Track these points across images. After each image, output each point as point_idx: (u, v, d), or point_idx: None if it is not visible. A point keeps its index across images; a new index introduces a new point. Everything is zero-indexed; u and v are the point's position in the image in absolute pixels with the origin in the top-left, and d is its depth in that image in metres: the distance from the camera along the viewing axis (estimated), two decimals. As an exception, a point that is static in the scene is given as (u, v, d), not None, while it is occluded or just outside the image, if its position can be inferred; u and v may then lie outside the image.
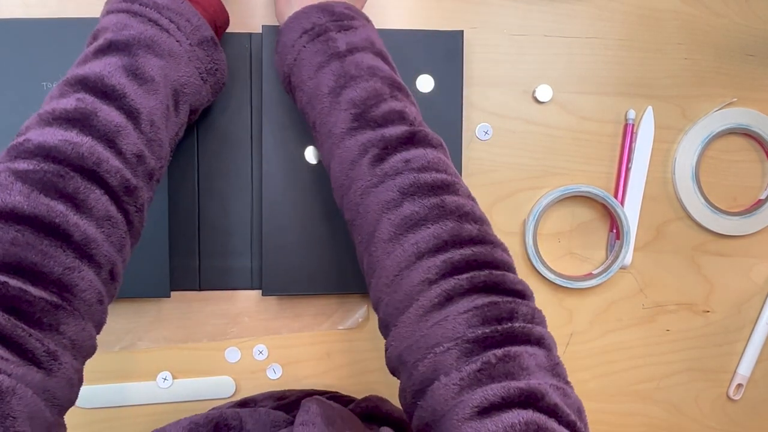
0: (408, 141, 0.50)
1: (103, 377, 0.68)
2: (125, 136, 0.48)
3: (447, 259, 0.46)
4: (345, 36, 0.54)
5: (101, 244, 0.45)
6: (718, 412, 0.75)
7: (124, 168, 0.47)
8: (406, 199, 0.48)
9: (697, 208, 0.72)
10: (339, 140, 0.52)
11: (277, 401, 0.63)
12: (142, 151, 0.49)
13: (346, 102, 0.52)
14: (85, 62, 0.50)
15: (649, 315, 0.73)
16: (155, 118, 0.50)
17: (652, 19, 0.71)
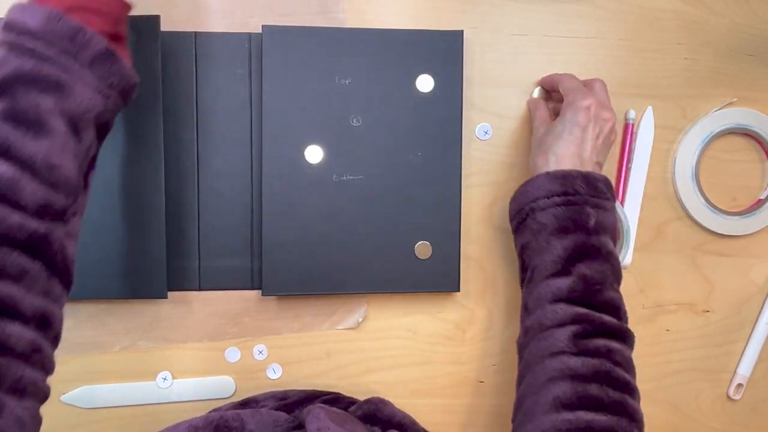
0: (617, 335, 0.56)
1: (103, 377, 0.68)
2: (22, 188, 0.44)
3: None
4: (597, 214, 0.57)
5: (22, 299, 0.44)
6: (718, 412, 0.75)
7: (27, 220, 0.44)
8: (596, 382, 0.52)
9: (697, 208, 0.72)
10: (553, 300, 0.56)
11: (278, 401, 0.63)
12: (46, 197, 0.45)
13: (577, 275, 0.56)
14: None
15: (649, 315, 0.73)
16: (53, 159, 0.46)
17: (652, 19, 0.71)
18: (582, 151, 0.60)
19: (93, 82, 0.48)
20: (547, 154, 0.60)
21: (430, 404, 0.71)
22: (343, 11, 0.68)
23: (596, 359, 0.53)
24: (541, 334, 0.56)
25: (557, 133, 0.61)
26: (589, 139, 0.60)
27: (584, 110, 0.60)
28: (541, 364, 0.54)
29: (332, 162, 0.66)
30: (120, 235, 0.63)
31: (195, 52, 0.66)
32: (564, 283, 0.56)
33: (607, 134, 0.61)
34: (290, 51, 0.65)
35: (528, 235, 0.59)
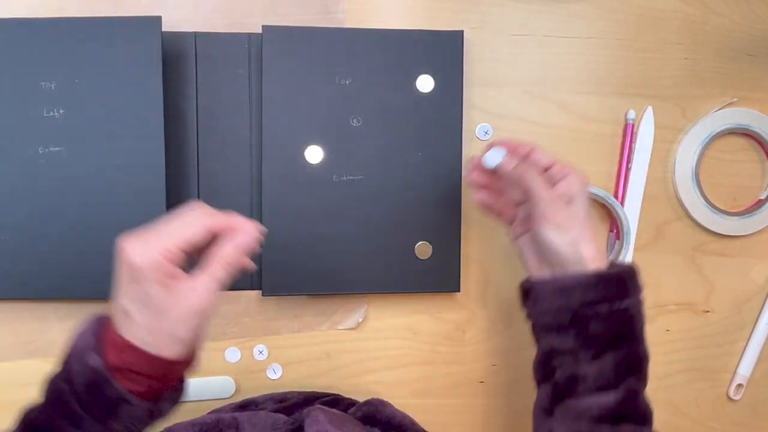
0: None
1: (103, 377, 0.68)
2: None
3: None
4: (641, 314, 0.54)
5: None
6: (718, 412, 0.75)
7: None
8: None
9: (697, 208, 0.72)
10: (599, 418, 0.52)
11: (277, 403, 0.63)
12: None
13: (625, 389, 0.52)
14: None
15: (649, 315, 0.73)
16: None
17: (652, 19, 0.71)
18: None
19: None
20: (587, 241, 0.53)
21: (430, 404, 0.71)
22: (343, 11, 0.68)
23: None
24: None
25: (588, 214, 0.54)
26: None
27: (585, 187, 0.55)
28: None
29: (332, 162, 0.66)
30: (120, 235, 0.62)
31: (195, 52, 0.66)
32: (611, 398, 0.51)
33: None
34: (290, 51, 0.65)
35: (571, 341, 0.53)
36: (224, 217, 0.48)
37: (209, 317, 0.47)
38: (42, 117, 0.62)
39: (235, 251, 0.48)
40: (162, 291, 0.45)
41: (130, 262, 0.45)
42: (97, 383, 0.44)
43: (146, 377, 0.45)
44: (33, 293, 0.63)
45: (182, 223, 0.47)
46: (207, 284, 0.46)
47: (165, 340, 0.45)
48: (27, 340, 0.67)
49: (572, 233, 0.53)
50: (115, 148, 0.62)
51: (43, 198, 0.62)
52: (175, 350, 0.46)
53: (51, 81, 0.62)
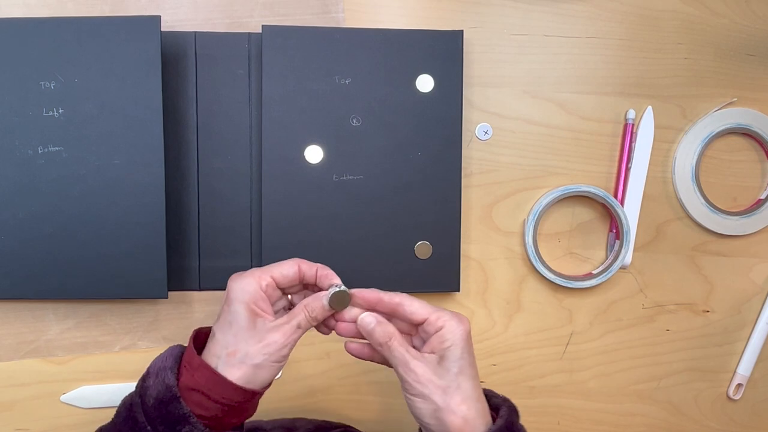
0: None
1: (103, 377, 0.68)
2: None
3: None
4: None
5: None
6: (718, 412, 0.75)
7: None
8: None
9: (697, 208, 0.72)
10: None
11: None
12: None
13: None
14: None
15: (649, 315, 0.73)
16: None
17: (652, 19, 0.71)
18: (478, 389, 0.51)
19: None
20: (468, 403, 0.49)
21: (430, 404, 0.71)
22: (343, 11, 0.68)
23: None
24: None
25: (463, 370, 0.50)
26: (474, 370, 0.51)
27: (468, 334, 0.50)
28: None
29: (332, 162, 0.66)
30: (120, 235, 0.63)
31: (195, 52, 0.66)
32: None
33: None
34: (290, 51, 0.65)
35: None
36: (316, 265, 0.53)
37: (282, 363, 0.50)
38: (42, 117, 0.62)
39: (319, 303, 0.51)
40: (248, 316, 0.49)
41: (228, 286, 0.50)
42: (166, 399, 0.47)
43: (212, 401, 0.48)
44: (33, 293, 0.63)
45: (279, 263, 0.52)
46: (289, 326, 0.50)
47: (237, 361, 0.49)
48: (27, 340, 0.67)
49: (435, 401, 0.49)
50: (115, 148, 0.62)
51: (43, 198, 0.62)
52: (243, 373, 0.48)
53: (51, 81, 0.62)
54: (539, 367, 0.72)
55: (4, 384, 0.67)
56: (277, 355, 0.49)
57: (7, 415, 0.67)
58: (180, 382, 0.48)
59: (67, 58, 0.61)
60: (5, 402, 0.67)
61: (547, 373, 0.72)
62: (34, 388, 0.67)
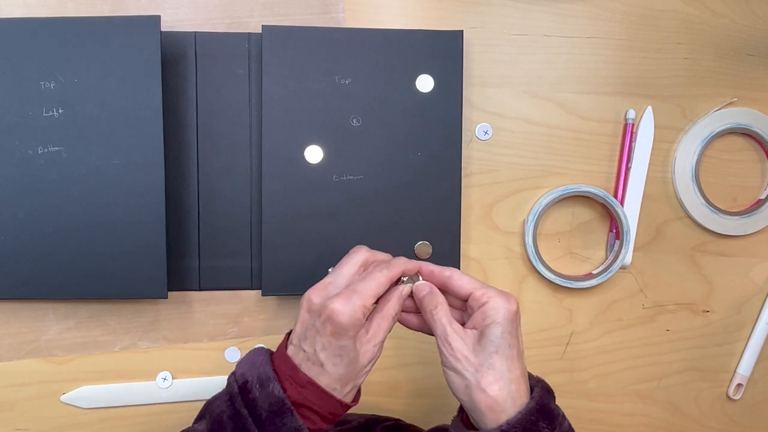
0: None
1: (103, 377, 0.68)
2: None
3: None
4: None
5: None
6: (718, 412, 0.75)
7: None
8: None
9: (697, 208, 0.72)
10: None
11: (338, 426, 0.62)
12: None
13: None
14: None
15: (649, 315, 0.73)
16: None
17: (652, 19, 0.71)
18: (523, 363, 0.51)
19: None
20: (499, 383, 0.49)
21: (430, 404, 0.71)
22: (343, 11, 0.68)
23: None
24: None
25: (503, 354, 0.49)
26: (521, 345, 0.51)
27: (515, 314, 0.50)
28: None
29: (332, 162, 0.66)
30: (120, 235, 0.63)
31: (195, 52, 0.66)
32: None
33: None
34: (290, 51, 0.65)
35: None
36: (400, 269, 0.52)
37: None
38: (41, 117, 0.62)
39: (396, 304, 0.52)
40: (354, 346, 0.50)
41: (338, 321, 0.48)
42: (281, 412, 0.48)
43: (320, 416, 0.49)
44: (33, 293, 0.63)
45: (375, 282, 0.51)
46: (380, 338, 0.51)
47: (348, 387, 0.50)
48: (27, 340, 0.67)
49: (467, 377, 0.49)
50: (115, 148, 0.62)
51: (43, 198, 0.62)
52: (352, 396, 0.51)
53: (51, 81, 0.62)
54: (539, 367, 0.72)
55: (4, 384, 0.67)
56: (369, 370, 0.52)
57: (7, 415, 0.67)
58: (288, 395, 0.49)
59: (67, 58, 0.61)
60: (5, 402, 0.67)
61: (547, 373, 0.72)
62: (34, 388, 0.67)
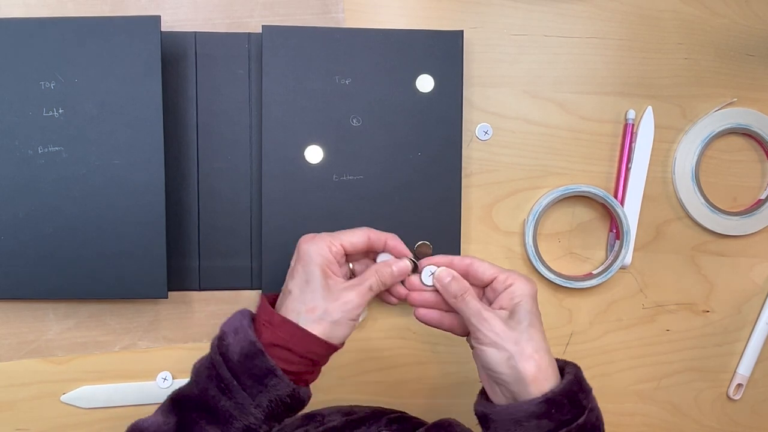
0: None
1: (103, 377, 0.68)
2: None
3: None
4: (599, 420, 0.52)
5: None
6: (718, 412, 0.75)
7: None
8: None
9: (697, 208, 0.72)
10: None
11: (345, 417, 0.62)
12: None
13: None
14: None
15: (649, 315, 0.73)
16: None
17: (652, 19, 0.71)
18: (547, 343, 0.52)
19: (262, 418, 0.50)
20: (540, 354, 0.51)
21: (430, 404, 0.71)
22: (343, 11, 0.68)
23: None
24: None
25: (534, 324, 0.52)
26: (542, 327, 0.53)
27: (536, 295, 0.53)
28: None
29: (332, 162, 0.66)
30: (120, 235, 0.63)
31: (195, 52, 0.66)
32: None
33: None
34: (290, 51, 0.65)
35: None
36: (385, 235, 0.56)
37: (356, 321, 0.54)
38: (42, 117, 0.62)
39: (389, 270, 0.55)
40: (322, 277, 0.52)
41: (301, 248, 0.54)
42: (251, 354, 0.50)
43: (297, 355, 0.51)
44: (33, 293, 0.63)
45: (349, 231, 0.55)
46: (362, 287, 0.53)
47: (317, 317, 0.52)
48: (27, 340, 0.67)
49: (508, 350, 0.50)
50: (115, 148, 0.62)
51: (43, 197, 0.62)
52: (323, 329, 0.52)
53: (51, 81, 0.62)
54: (539, 367, 0.72)
55: (4, 384, 0.67)
56: (353, 313, 0.53)
57: (7, 415, 0.67)
58: (261, 339, 0.51)
59: (67, 58, 0.61)
60: (5, 402, 0.67)
61: (547, 373, 0.72)
62: (34, 388, 0.67)
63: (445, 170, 0.67)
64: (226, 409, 0.49)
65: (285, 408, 0.51)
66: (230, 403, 0.49)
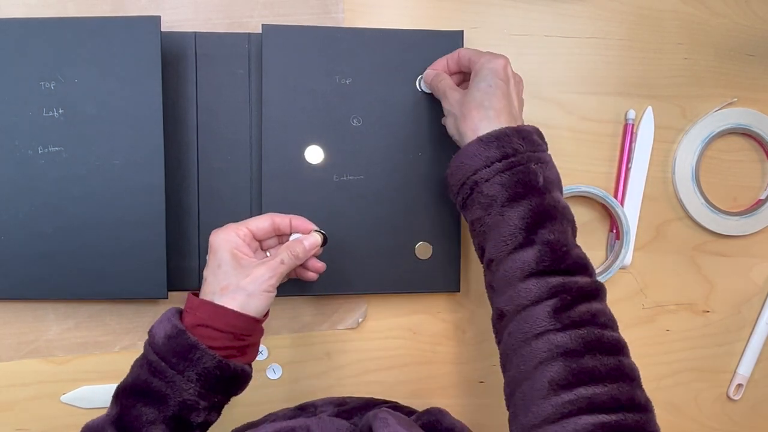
0: (594, 294, 0.52)
1: (103, 377, 0.68)
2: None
3: (620, 420, 0.47)
4: (542, 169, 0.55)
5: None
6: (718, 412, 0.75)
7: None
8: (588, 352, 0.49)
9: (697, 208, 0.72)
10: (523, 276, 0.52)
11: (337, 407, 0.63)
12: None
13: (541, 242, 0.52)
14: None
15: (649, 315, 0.73)
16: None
17: (652, 19, 0.71)
18: (511, 107, 0.57)
19: (197, 392, 0.53)
20: (479, 110, 0.56)
21: (430, 404, 0.71)
22: (343, 11, 0.68)
23: (582, 329, 0.50)
24: (519, 315, 0.52)
25: (482, 90, 0.57)
26: (513, 93, 0.58)
27: (502, 68, 0.58)
28: (528, 347, 0.51)
29: (332, 162, 0.66)
30: (120, 235, 0.63)
31: (195, 52, 0.66)
32: (529, 255, 0.52)
33: (521, 92, 0.61)
34: (290, 51, 0.65)
35: (478, 210, 0.55)
36: (289, 216, 0.59)
37: (271, 292, 0.56)
38: (42, 117, 0.62)
39: (299, 244, 0.57)
40: (232, 258, 0.55)
41: (210, 240, 0.56)
42: (174, 335, 0.52)
43: (218, 331, 0.53)
44: (33, 293, 0.63)
45: (254, 217, 0.58)
46: (273, 261, 0.56)
47: (230, 293, 0.54)
48: (27, 340, 0.67)
49: (455, 114, 0.59)
50: (115, 148, 0.62)
51: (43, 198, 0.62)
52: (238, 302, 0.54)
53: (51, 81, 0.62)
54: (539, 367, 0.72)
55: (4, 384, 0.67)
56: (265, 285, 0.55)
57: (7, 415, 0.67)
58: (184, 323, 0.53)
59: (67, 58, 0.61)
60: (5, 402, 0.67)
61: (547, 373, 0.72)
62: (34, 388, 0.67)
63: (445, 170, 0.67)
64: (158, 389, 0.52)
65: (217, 380, 0.53)
66: (161, 383, 0.52)
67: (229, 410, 0.64)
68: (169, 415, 0.52)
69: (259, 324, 0.56)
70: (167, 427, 0.52)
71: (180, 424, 0.53)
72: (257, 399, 0.69)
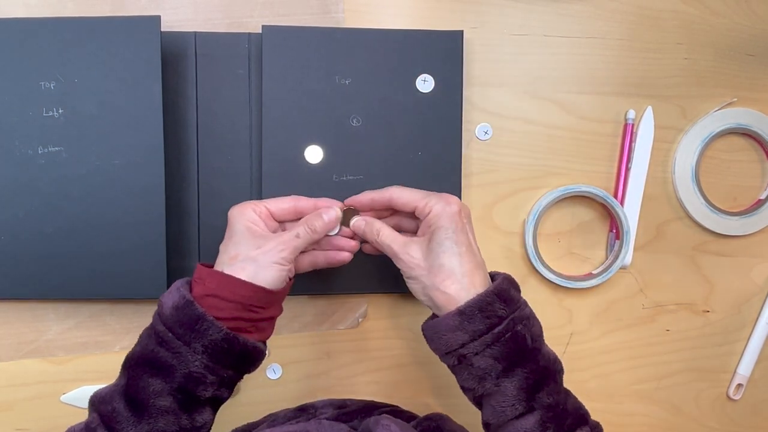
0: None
1: (103, 377, 0.68)
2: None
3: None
4: (527, 329, 0.53)
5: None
6: (718, 412, 0.75)
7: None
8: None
9: (697, 208, 0.72)
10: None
11: (337, 409, 0.63)
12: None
13: (541, 406, 0.51)
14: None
15: (649, 315, 0.73)
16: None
17: (652, 19, 0.71)
18: (476, 254, 0.55)
19: (203, 365, 0.51)
20: (452, 280, 0.53)
21: (431, 404, 0.71)
22: (343, 11, 0.68)
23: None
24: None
25: (448, 252, 0.53)
26: (471, 236, 0.55)
27: (458, 214, 0.54)
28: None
29: (332, 162, 0.66)
30: (120, 235, 0.63)
31: (195, 52, 0.66)
32: (531, 421, 0.51)
33: (471, 221, 0.57)
34: (290, 51, 0.65)
35: (470, 380, 0.53)
36: (312, 199, 0.58)
37: (284, 265, 0.54)
38: (42, 117, 0.62)
39: (318, 218, 0.56)
40: (246, 230, 0.54)
41: (228, 215, 0.56)
42: (181, 306, 0.51)
43: (226, 301, 0.52)
44: (33, 293, 0.63)
45: (279, 198, 0.58)
46: (287, 234, 0.55)
47: (239, 262, 0.53)
48: (27, 340, 0.67)
49: (422, 281, 0.54)
50: (115, 148, 0.62)
51: (43, 198, 0.62)
52: (247, 273, 0.53)
53: (51, 81, 0.62)
54: (539, 367, 0.72)
55: (4, 384, 0.67)
56: (277, 257, 0.53)
57: (7, 415, 0.67)
58: (193, 293, 0.52)
59: (67, 58, 0.62)
60: (5, 402, 0.67)
61: (547, 373, 0.72)
62: (34, 388, 0.67)
63: (445, 170, 0.67)
64: (165, 360, 0.51)
65: (225, 354, 0.52)
66: (168, 354, 0.51)
67: (229, 410, 0.64)
68: (176, 386, 0.51)
69: (273, 297, 0.54)
70: (174, 399, 0.51)
71: (188, 397, 0.51)
72: (257, 399, 0.69)
